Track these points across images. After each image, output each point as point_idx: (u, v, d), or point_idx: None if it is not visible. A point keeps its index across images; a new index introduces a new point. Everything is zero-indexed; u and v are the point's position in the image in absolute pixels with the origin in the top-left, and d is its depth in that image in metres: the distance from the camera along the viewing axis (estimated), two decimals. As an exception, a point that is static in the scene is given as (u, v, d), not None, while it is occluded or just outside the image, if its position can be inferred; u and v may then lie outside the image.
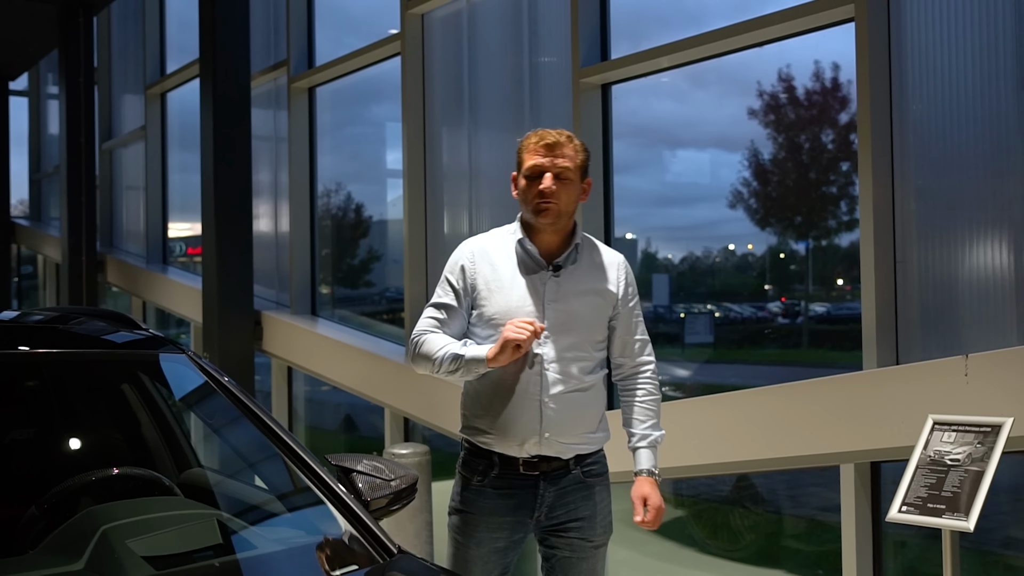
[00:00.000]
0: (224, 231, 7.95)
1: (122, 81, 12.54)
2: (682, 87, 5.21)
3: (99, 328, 2.94)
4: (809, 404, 4.00)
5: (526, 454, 2.94)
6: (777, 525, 5.06)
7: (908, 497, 3.15)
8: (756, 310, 5.29)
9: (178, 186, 11.19)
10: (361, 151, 8.38)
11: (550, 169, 2.92)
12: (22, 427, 2.72)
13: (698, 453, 4.47)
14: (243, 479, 2.75)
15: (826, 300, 4.93)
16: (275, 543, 2.35)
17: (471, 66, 6.19)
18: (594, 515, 3.01)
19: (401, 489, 2.61)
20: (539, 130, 3.03)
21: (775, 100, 4.81)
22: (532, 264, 3.00)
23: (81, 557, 2.07)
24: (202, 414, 2.95)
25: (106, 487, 2.41)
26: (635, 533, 5.48)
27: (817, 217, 4.83)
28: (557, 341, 2.95)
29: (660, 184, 5.62)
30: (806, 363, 5.07)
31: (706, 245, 5.45)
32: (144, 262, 11.41)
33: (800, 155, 4.89)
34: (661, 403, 3.15)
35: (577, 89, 5.16)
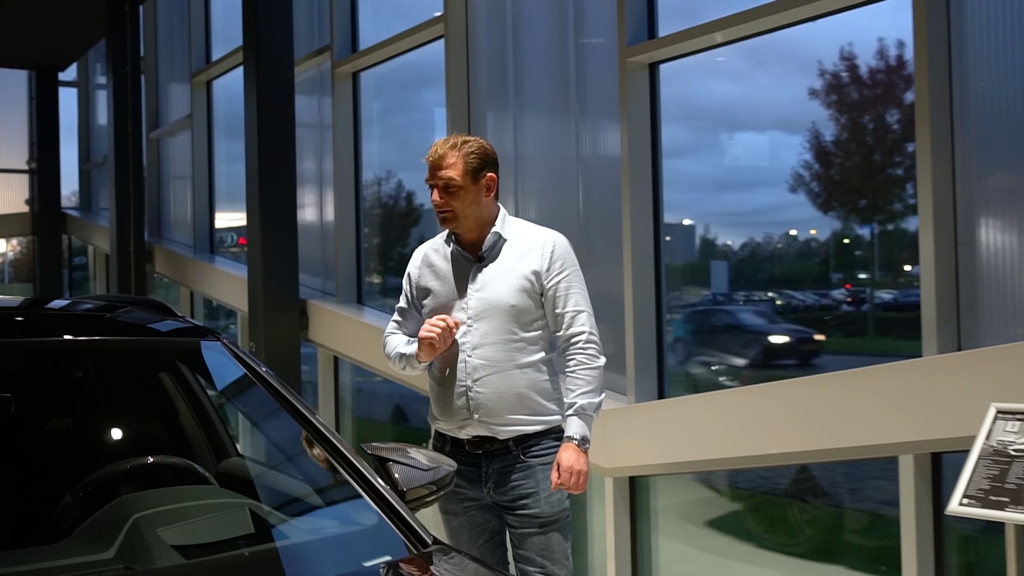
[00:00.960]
0: (269, 220, 8.02)
1: (168, 69, 12.71)
2: (741, 67, 5.16)
3: (137, 316, 2.98)
4: (867, 392, 3.95)
5: (466, 435, 3.29)
6: (837, 519, 5.01)
7: (969, 489, 3.09)
8: (819, 298, 5.23)
9: (225, 175, 11.30)
10: (411, 138, 8.39)
11: (436, 184, 3.30)
12: (59, 415, 2.75)
13: (753, 444, 4.44)
14: (277, 468, 2.77)
15: (892, 287, 4.86)
16: (308, 533, 2.37)
17: (515, 47, 6.17)
18: (537, 492, 3.25)
19: (439, 479, 2.61)
20: (434, 143, 3.35)
21: (837, 79, 4.74)
22: (461, 259, 3.36)
23: (112, 545, 2.09)
24: (237, 402, 2.98)
25: (140, 476, 2.44)
26: (690, 527, 5.46)
27: (882, 200, 4.78)
28: (480, 327, 3.26)
29: (718, 168, 5.58)
30: (871, 352, 5.01)
31: (767, 231, 5.38)
32: (191, 252, 11.56)
33: (864, 136, 4.83)
34: (596, 379, 3.29)
35: (624, 69, 5.12)
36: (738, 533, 5.29)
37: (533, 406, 3.29)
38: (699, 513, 5.49)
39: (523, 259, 3.30)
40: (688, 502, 5.50)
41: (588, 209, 5.58)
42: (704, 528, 5.43)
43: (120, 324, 2.93)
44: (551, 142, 5.93)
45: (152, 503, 2.26)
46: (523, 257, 3.31)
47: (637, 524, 5.20)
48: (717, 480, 5.39)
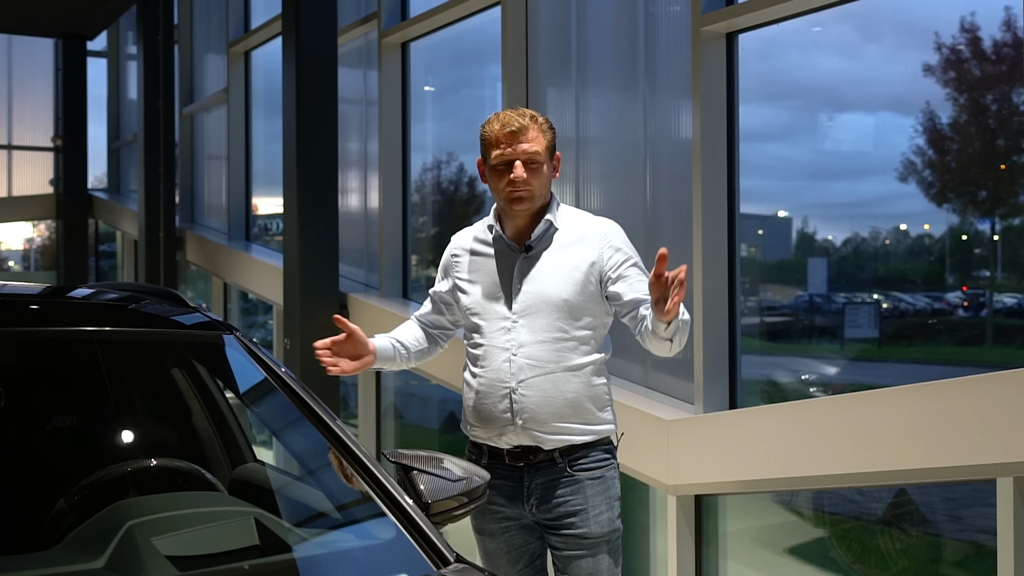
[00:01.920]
0: (307, 205, 8.07)
1: (204, 39, 12.82)
2: (847, 39, 5.11)
3: (143, 306, 3.01)
4: (962, 406, 3.86)
5: (506, 444, 3.21)
6: (936, 550, 4.93)
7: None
8: (931, 301, 5.16)
9: (264, 156, 11.36)
10: (474, 117, 8.37)
11: (519, 157, 3.19)
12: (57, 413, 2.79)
13: (829, 462, 4.38)
14: (288, 474, 2.79)
15: (1017, 290, 4.81)
16: (317, 546, 2.37)
17: (579, 17, 6.14)
18: (585, 510, 3.18)
19: (470, 490, 2.60)
20: (500, 114, 3.29)
21: (956, 54, 4.67)
22: (505, 249, 3.30)
23: (103, 554, 2.12)
24: (247, 402, 3.00)
25: (141, 480, 2.47)
26: (767, 554, 5.41)
27: (1006, 192, 4.71)
28: (527, 323, 3.20)
29: (819, 153, 5.54)
30: (991, 363, 4.94)
31: (873, 225, 5.33)
32: (226, 239, 11.65)
33: (986, 118, 4.77)
34: (687, 322, 3.08)
35: (698, 39, 5.06)
36: (823, 563, 5.24)
37: (583, 413, 3.22)
38: (778, 539, 5.45)
39: (576, 249, 3.24)
40: (766, 526, 5.46)
41: (656, 198, 5.54)
42: (784, 556, 5.38)
43: (127, 315, 2.97)
44: (616, 122, 5.89)
45: (150, 509, 2.29)
46: (576, 247, 3.25)
47: (703, 549, 5.16)
48: (800, 503, 5.33)
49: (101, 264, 18.65)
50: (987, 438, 3.77)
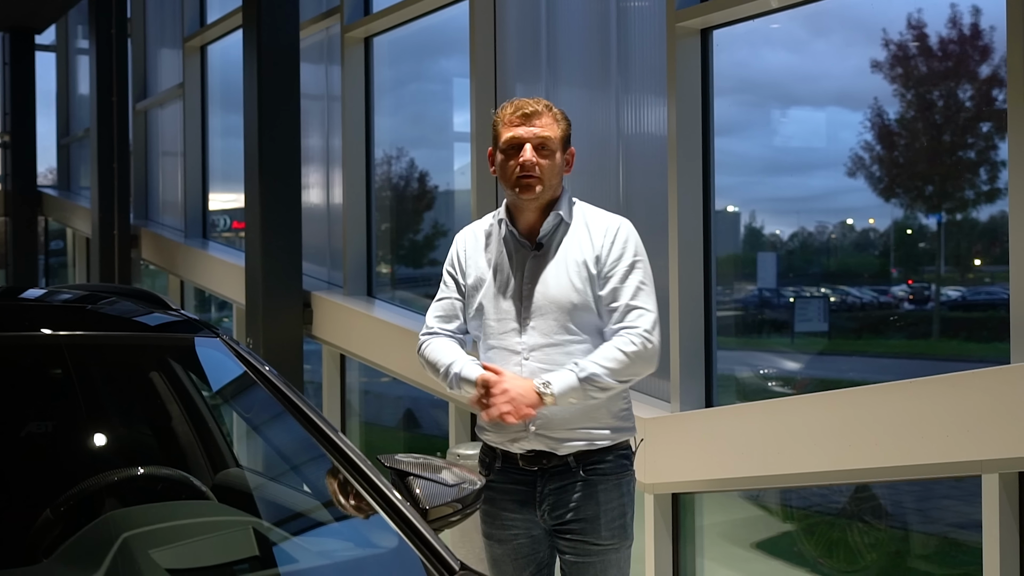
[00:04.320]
0: (270, 202, 8.00)
1: (158, 33, 12.68)
2: (798, 35, 5.14)
3: (126, 308, 2.95)
4: (946, 403, 3.89)
5: (520, 450, 3.11)
6: (903, 543, 4.98)
7: (1066, 515, 3.04)
8: (878, 294, 5.22)
9: (220, 152, 11.28)
10: (426, 112, 8.36)
11: (530, 140, 3.05)
12: (39, 420, 2.73)
13: (811, 459, 4.39)
14: (283, 481, 2.75)
15: (961, 283, 4.83)
16: (317, 556, 2.33)
17: (549, 10, 6.12)
18: (597, 516, 3.09)
19: (465, 496, 2.58)
20: (515, 100, 3.15)
21: (903, 51, 4.70)
22: (516, 245, 3.18)
23: (99, 568, 2.06)
24: (238, 406, 2.96)
25: (130, 489, 2.41)
26: (741, 553, 5.43)
27: (951, 186, 4.75)
28: (538, 327, 3.10)
29: (768, 148, 5.56)
30: (937, 356, 4.98)
31: (820, 219, 5.38)
32: (182, 236, 11.55)
33: (932, 114, 4.79)
34: (623, 359, 3.00)
35: (673, 35, 5.06)
36: (790, 557, 5.27)
37: (599, 418, 3.10)
38: (747, 534, 5.48)
39: (586, 247, 3.12)
40: (734, 521, 5.49)
41: (629, 194, 5.53)
42: (752, 551, 5.41)
43: (107, 317, 2.91)
44: (588, 118, 5.86)
45: (144, 520, 2.23)
46: (585, 245, 3.12)
47: (680, 546, 5.17)
48: (767, 498, 5.36)
49: (51, 262, 18.47)
50: (971, 435, 3.79)
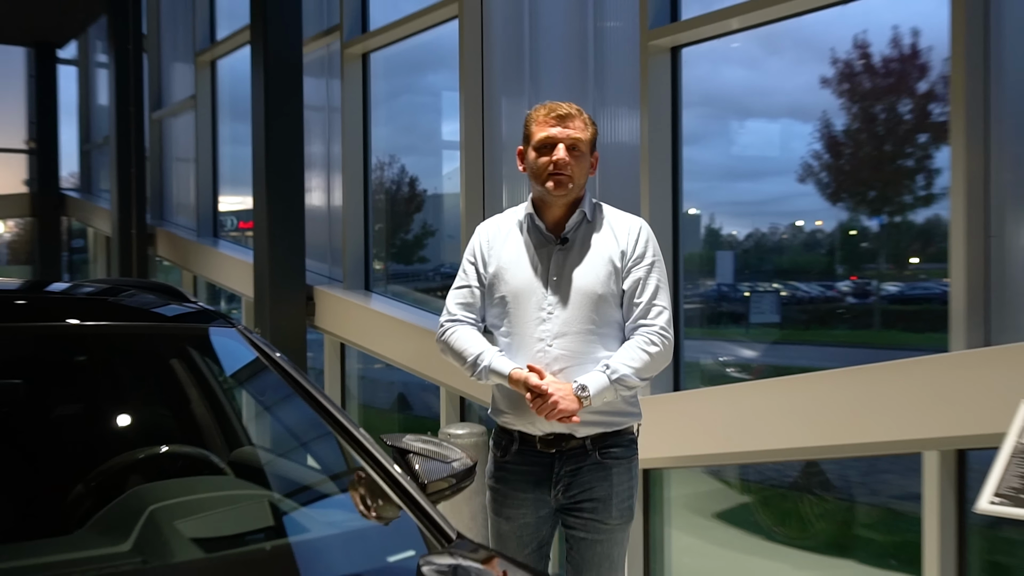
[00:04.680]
0: (276, 204, 7.97)
1: (171, 48, 12.61)
2: (754, 53, 5.13)
3: (148, 301, 2.93)
4: (891, 387, 3.91)
5: (539, 431, 3.02)
6: (848, 513, 4.99)
7: (1000, 488, 3.05)
8: (825, 289, 5.20)
9: (229, 158, 11.26)
10: (416, 122, 8.35)
11: (563, 140, 3.00)
12: (69, 403, 2.71)
13: (767, 438, 4.41)
14: (295, 459, 2.73)
15: (899, 279, 4.81)
16: (328, 526, 2.32)
17: (532, 30, 6.10)
18: (610, 497, 3.03)
19: (460, 472, 2.58)
20: (547, 103, 3.09)
21: (849, 68, 4.70)
22: (541, 239, 3.09)
23: (128, 538, 2.04)
24: (252, 391, 2.94)
25: (154, 465, 2.40)
26: (702, 522, 5.45)
27: (892, 192, 4.73)
28: (561, 315, 3.01)
29: (727, 157, 5.55)
30: (878, 345, 4.97)
31: (773, 221, 5.38)
32: (195, 235, 11.51)
33: (875, 126, 4.79)
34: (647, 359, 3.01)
35: (645, 53, 5.05)
36: (747, 526, 5.30)
37: (613, 403, 3.03)
38: (708, 505, 5.49)
39: (610, 243, 3.07)
40: (698, 494, 5.50)
41: (605, 198, 5.46)
42: (713, 520, 5.43)
43: (131, 309, 2.89)
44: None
45: (168, 494, 2.22)
46: (609, 241, 3.07)
47: (650, 515, 5.18)
48: (727, 473, 5.37)
49: (73, 259, 18.36)
50: (913, 416, 3.81)
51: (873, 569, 4.71)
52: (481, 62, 6.42)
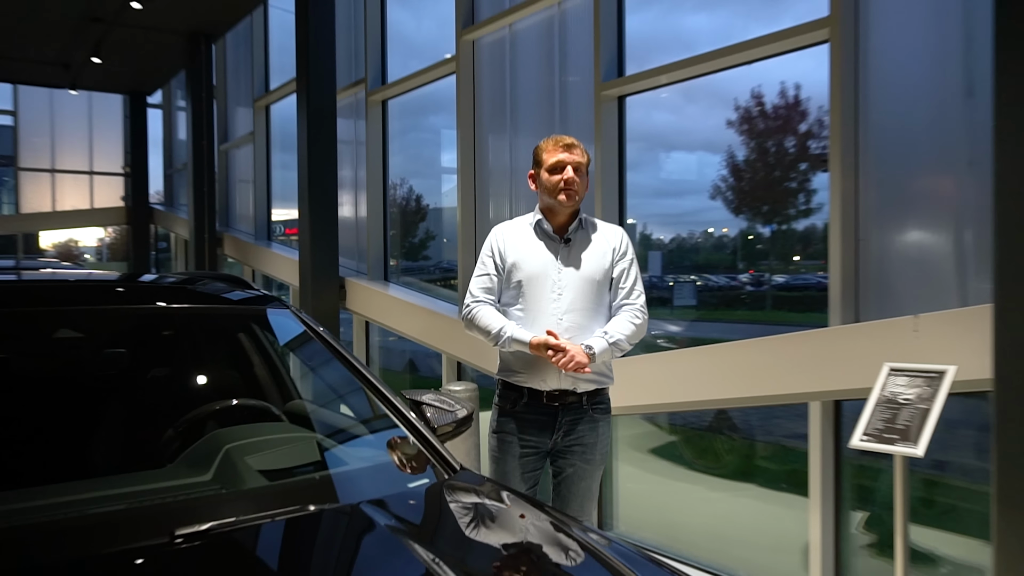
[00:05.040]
0: (316, 215, 7.93)
1: (235, 96, 12.53)
2: (677, 101, 5.12)
3: (220, 288, 2.89)
4: (785, 353, 3.92)
5: (548, 388, 2.99)
6: (750, 449, 4.99)
7: (868, 429, 3.06)
8: (730, 280, 5.18)
9: (279, 180, 11.18)
10: (420, 153, 8.30)
11: (571, 163, 3.00)
12: (161, 366, 2.67)
13: (690, 392, 4.41)
14: (335, 409, 2.71)
15: (785, 272, 4.80)
16: (362, 460, 2.30)
17: (512, 83, 6.08)
18: (595, 443, 3.03)
19: (461, 418, 2.55)
20: (554, 136, 3.10)
21: (748, 113, 4.70)
22: (548, 239, 3.06)
23: (209, 470, 2.02)
24: (301, 356, 2.90)
25: (227, 415, 2.37)
26: (640, 456, 5.44)
27: (780, 207, 4.72)
28: (568, 296, 2.99)
29: (657, 180, 5.53)
30: (770, 322, 4.96)
31: (691, 228, 5.36)
32: (253, 239, 11.44)
33: (767, 157, 4.77)
34: (633, 328, 3.02)
35: (599, 100, 5.04)
36: (674, 459, 5.28)
37: (602, 367, 3.04)
38: (644, 443, 5.48)
39: (602, 243, 3.07)
40: (637, 435, 5.48)
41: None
42: (648, 455, 5.41)
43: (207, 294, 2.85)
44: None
45: (238, 436, 2.18)
46: (601, 241, 3.08)
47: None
48: (659, 419, 5.37)
49: (159, 256, 18.23)
50: (801, 375, 3.82)
51: (768, 491, 4.71)
52: (473, 107, 6.40)
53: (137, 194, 16.67)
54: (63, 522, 1.74)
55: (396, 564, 1.67)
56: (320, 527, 1.82)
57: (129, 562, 1.62)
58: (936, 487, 3.88)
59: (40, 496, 1.84)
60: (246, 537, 1.73)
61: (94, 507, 1.80)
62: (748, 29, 4.52)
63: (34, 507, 1.79)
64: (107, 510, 1.80)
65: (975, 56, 3.42)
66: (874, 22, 3.73)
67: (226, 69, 12.72)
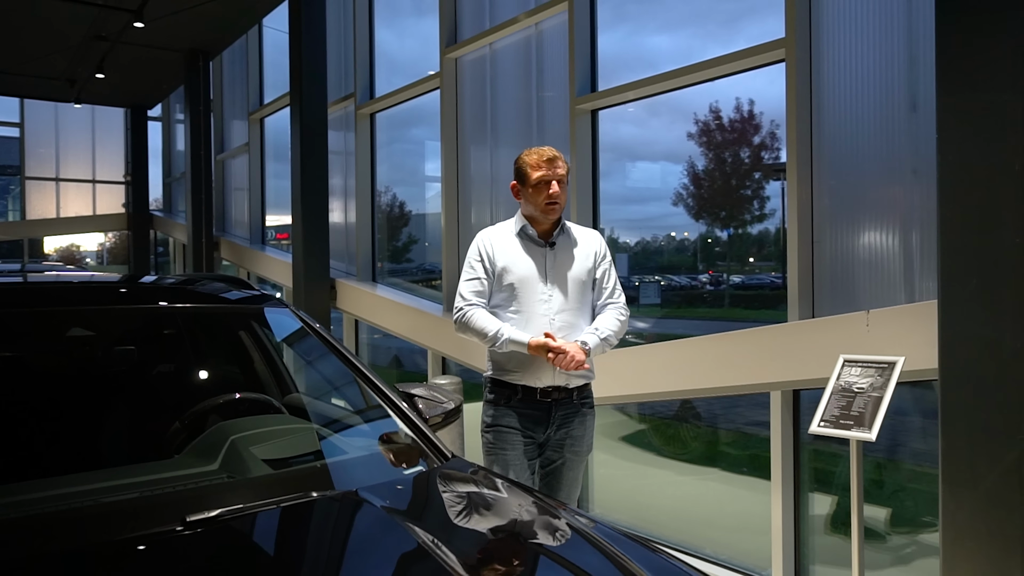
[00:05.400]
0: (308, 221, 7.87)
1: (231, 109, 12.41)
2: (642, 116, 5.13)
3: (222, 288, 2.85)
4: (748, 347, 3.94)
5: (542, 384, 2.94)
6: (714, 435, 5.01)
7: (825, 415, 3.08)
8: (691, 280, 5.20)
9: (273, 188, 11.08)
10: (403, 163, 8.26)
11: (555, 178, 2.93)
12: (168, 363, 2.63)
13: (658, 383, 4.42)
14: (333, 401, 2.67)
15: (741, 273, 4.83)
16: (359, 449, 2.27)
17: (493, 97, 6.06)
18: (583, 435, 3.01)
19: (450, 410, 2.53)
20: (535, 149, 3.00)
21: (707, 126, 4.71)
22: (533, 244, 3.00)
23: (216, 460, 1.98)
24: (300, 352, 2.87)
25: (231, 408, 2.33)
26: (612, 443, 5.44)
27: (736, 212, 4.74)
28: (558, 297, 2.95)
29: (623, 188, 5.54)
30: (728, 319, 4.99)
31: (655, 232, 5.37)
32: (248, 243, 11.32)
33: (725, 167, 4.79)
34: (620, 324, 3.01)
35: (573, 114, 5.04)
36: (644, 446, 5.28)
37: (590, 363, 2.99)
38: (616, 431, 5.48)
39: (585, 247, 3.05)
40: (609, 423, 5.49)
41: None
42: (619, 442, 5.42)
43: (213, 294, 2.81)
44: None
45: (243, 428, 2.15)
46: (584, 246, 3.05)
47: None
48: (629, 408, 5.37)
49: (158, 260, 18.01)
50: (763, 367, 3.84)
51: (730, 474, 4.73)
52: (456, 120, 6.37)
53: (137, 201, 16.48)
54: (83, 510, 1.71)
55: (396, 545, 1.65)
56: (324, 512, 1.80)
57: (144, 547, 1.58)
58: (886, 468, 3.91)
59: (57, 486, 1.80)
60: (255, 522, 1.70)
61: (110, 495, 1.77)
62: (706, 49, 4.55)
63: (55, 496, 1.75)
64: (123, 498, 1.76)
65: (917, 74, 3.46)
66: (826, 43, 3.76)
67: (223, 84, 12.59)
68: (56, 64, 11.85)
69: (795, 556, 3.94)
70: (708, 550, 4.49)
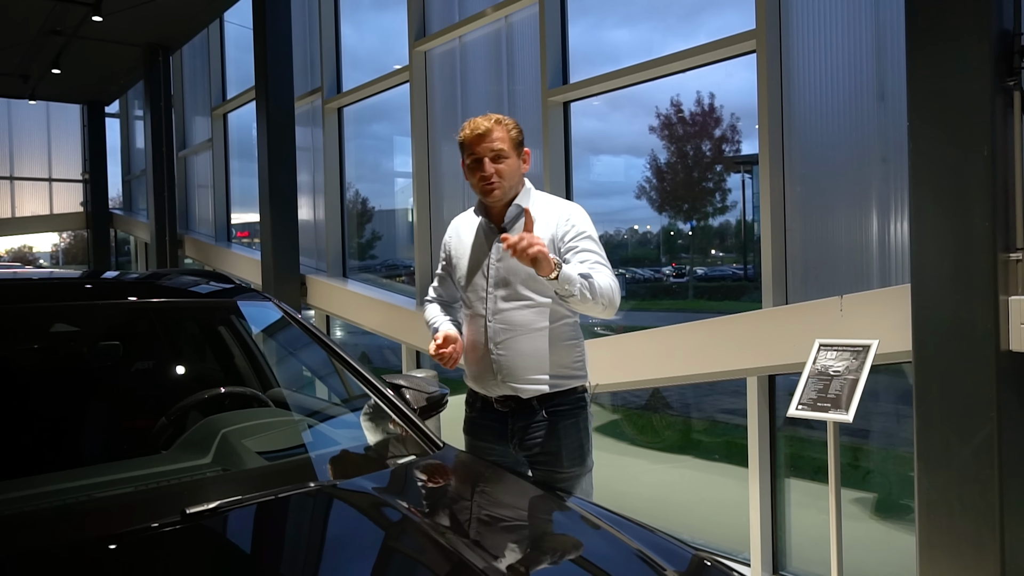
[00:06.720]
0: (277, 217, 7.78)
1: (193, 104, 12.19)
2: (604, 110, 5.15)
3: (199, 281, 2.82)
4: (726, 334, 3.98)
5: (494, 394, 2.57)
6: (686, 424, 5.05)
7: (802, 399, 3.14)
8: (655, 272, 5.23)
9: (236, 186, 10.93)
10: (366, 159, 8.20)
11: (486, 154, 2.46)
12: (154, 357, 2.59)
13: (631, 372, 4.43)
14: (320, 393, 2.66)
15: (704, 265, 4.87)
16: (351, 440, 2.26)
17: (463, 91, 6.05)
18: (559, 450, 2.51)
19: (436, 400, 2.53)
20: (469, 121, 2.53)
21: (669, 120, 4.74)
22: (487, 230, 2.58)
23: (208, 453, 1.96)
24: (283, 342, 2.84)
25: (219, 401, 2.30)
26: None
27: (698, 205, 4.79)
28: (499, 294, 2.51)
29: (587, 181, 5.57)
30: (691, 310, 5.03)
31: (618, 226, 5.40)
32: (213, 240, 11.15)
33: (687, 160, 4.83)
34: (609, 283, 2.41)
35: (546, 106, 5.05)
36: (617, 435, 5.31)
37: (554, 367, 2.51)
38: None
39: (542, 228, 2.50)
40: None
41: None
42: (593, 433, 5.43)
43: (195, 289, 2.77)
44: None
45: (233, 421, 2.13)
46: (542, 227, 2.50)
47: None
48: (603, 399, 5.39)
49: (119, 259, 17.64)
50: (740, 353, 3.89)
51: (703, 461, 4.77)
52: (426, 114, 6.35)
53: (96, 200, 16.11)
54: (86, 504, 1.69)
55: (394, 532, 1.65)
56: (321, 501, 1.79)
57: (146, 540, 1.57)
58: (859, 451, 3.99)
59: (52, 482, 1.77)
60: (256, 513, 1.70)
61: (108, 490, 1.75)
62: (667, 44, 4.58)
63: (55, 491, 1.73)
64: (121, 492, 1.75)
65: (885, 65, 3.53)
66: (796, 35, 3.82)
67: (183, 79, 12.36)
68: (10, 59, 11.53)
69: (772, 539, 4.01)
70: (685, 535, 4.54)
